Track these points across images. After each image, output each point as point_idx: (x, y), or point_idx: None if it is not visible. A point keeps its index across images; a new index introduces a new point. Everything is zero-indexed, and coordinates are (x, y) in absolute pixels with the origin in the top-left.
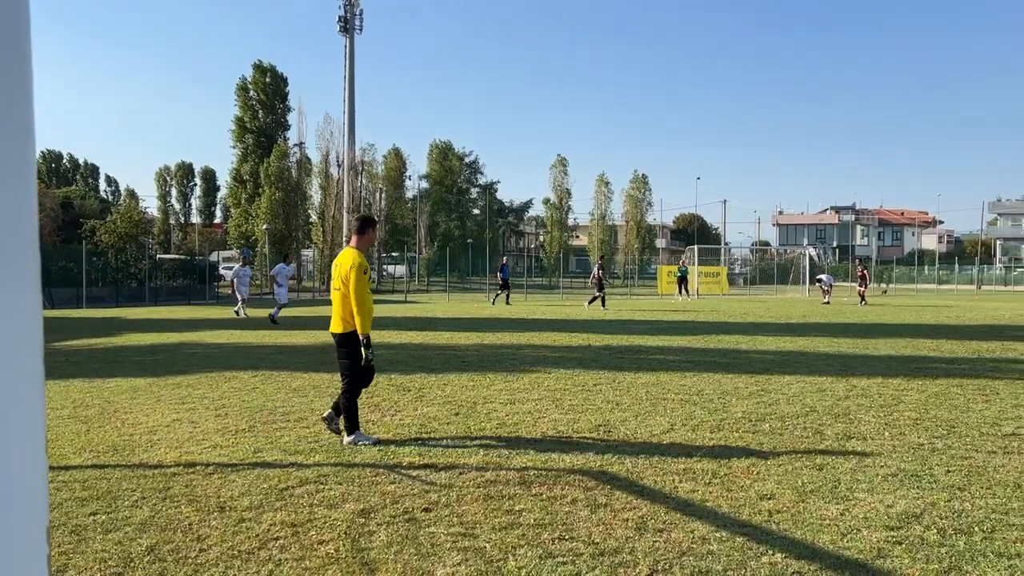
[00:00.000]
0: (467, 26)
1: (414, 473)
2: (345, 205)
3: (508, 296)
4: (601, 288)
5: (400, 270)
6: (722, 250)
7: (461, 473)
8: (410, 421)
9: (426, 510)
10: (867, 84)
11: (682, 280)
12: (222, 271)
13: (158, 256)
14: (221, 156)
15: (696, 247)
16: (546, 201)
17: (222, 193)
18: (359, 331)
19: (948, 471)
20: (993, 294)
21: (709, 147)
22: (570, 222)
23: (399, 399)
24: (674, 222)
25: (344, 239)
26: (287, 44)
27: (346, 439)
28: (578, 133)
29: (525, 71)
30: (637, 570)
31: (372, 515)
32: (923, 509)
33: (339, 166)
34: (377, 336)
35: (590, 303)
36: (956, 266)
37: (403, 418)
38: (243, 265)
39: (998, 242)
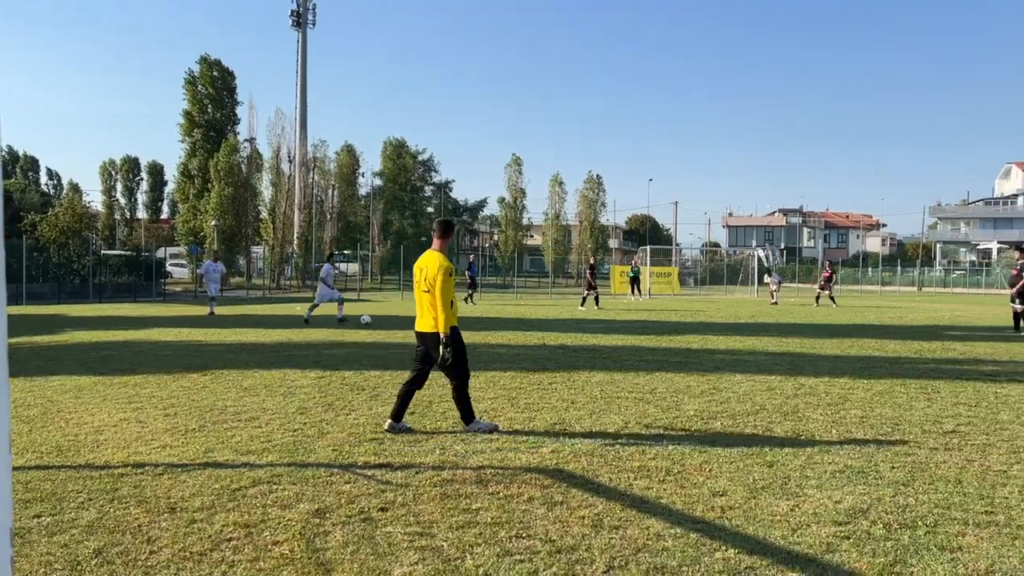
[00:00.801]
0: (422, 24)
1: (369, 472)
2: (296, 202)
3: (470, 296)
4: (592, 287)
5: (353, 268)
6: (673, 251)
7: (417, 472)
8: (365, 420)
9: (382, 509)
10: (815, 88)
11: (634, 280)
12: (169, 267)
13: (102, 252)
14: (169, 150)
15: (648, 247)
16: (501, 200)
17: (170, 188)
18: (441, 331)
19: (893, 467)
20: (933, 295)
21: (661, 149)
22: (525, 222)
23: (353, 398)
24: (627, 223)
25: (296, 235)
26: (237, 37)
27: (466, 427)
28: (533, 133)
29: (481, 70)
30: (594, 567)
31: (327, 515)
32: (870, 504)
33: (291, 162)
34: (332, 335)
35: (583, 303)
36: (898, 268)
37: (357, 417)
38: (214, 260)
39: (938, 245)
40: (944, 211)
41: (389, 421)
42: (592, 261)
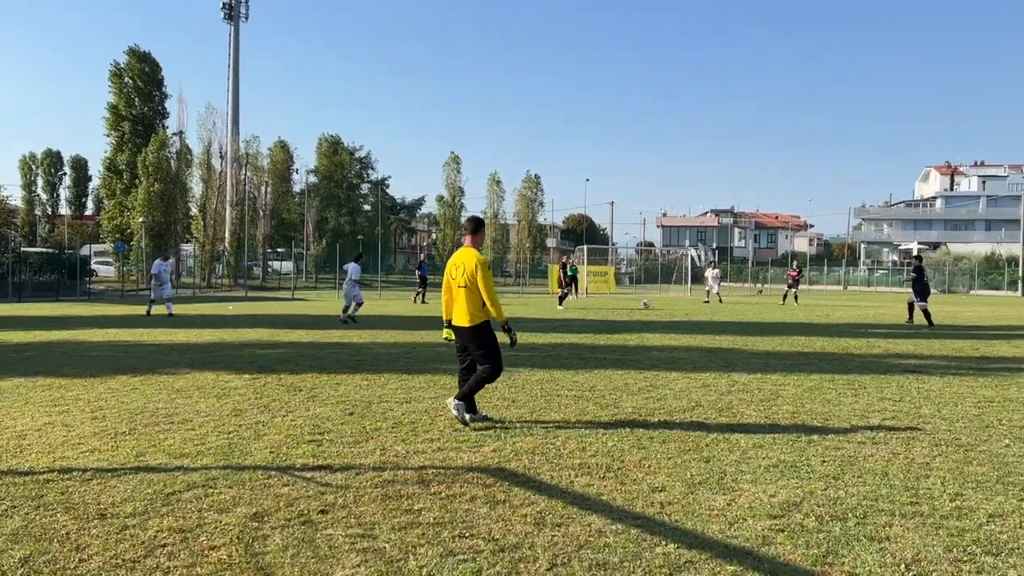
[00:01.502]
0: (358, 20)
1: (308, 475)
2: (228, 198)
3: (423, 295)
4: (566, 286)
5: (287, 266)
6: (610, 250)
7: (358, 474)
8: (302, 422)
9: (322, 512)
10: (746, 91)
11: (573, 279)
12: (94, 265)
13: (22, 249)
14: (94, 145)
15: (585, 247)
16: (439, 199)
17: (95, 184)
18: (499, 318)
19: (823, 461)
20: (858, 294)
21: (598, 150)
22: (463, 220)
23: (290, 399)
24: (564, 222)
25: (228, 232)
26: (166, 28)
27: (453, 402)
28: (472, 132)
29: (418, 68)
30: (537, 564)
31: (266, 519)
32: (802, 498)
33: (222, 158)
34: (267, 335)
35: (561, 302)
36: (825, 267)
37: (295, 419)
38: (164, 259)
39: (862, 245)
40: (868, 212)
41: (454, 400)
42: (565, 260)
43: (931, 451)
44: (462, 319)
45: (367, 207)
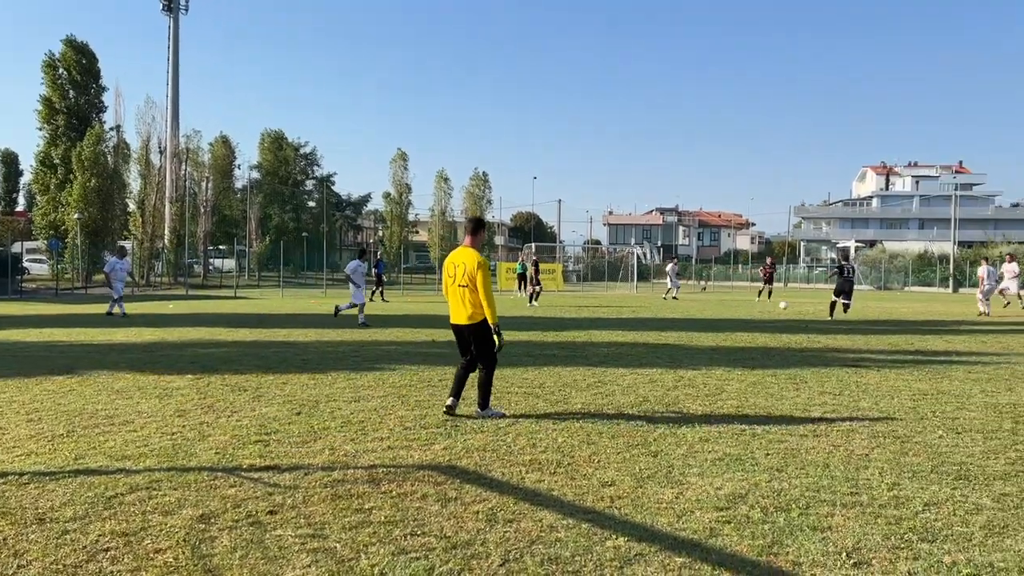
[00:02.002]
0: (302, 14)
1: (256, 475)
2: (167, 194)
3: (378, 293)
4: (536, 284)
5: (229, 264)
6: (557, 248)
7: (306, 473)
8: (248, 422)
9: (271, 512)
10: (690, 90)
11: (522, 277)
12: (26, 263)
13: None
14: (25, 138)
15: (533, 244)
16: (386, 196)
17: (26, 179)
18: (492, 320)
19: (767, 454)
20: (797, 291)
21: (546, 148)
22: (410, 217)
23: (235, 399)
24: (512, 220)
25: (167, 229)
26: (102, 19)
27: (480, 412)
28: (419, 129)
29: (364, 64)
30: (489, 561)
31: (213, 520)
32: (747, 490)
33: (161, 153)
34: (209, 334)
35: (533, 299)
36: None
37: (240, 419)
38: (120, 257)
39: (802, 243)
40: (807, 211)
41: (480, 411)
42: (536, 259)
43: (870, 443)
44: (461, 317)
45: (312, 204)
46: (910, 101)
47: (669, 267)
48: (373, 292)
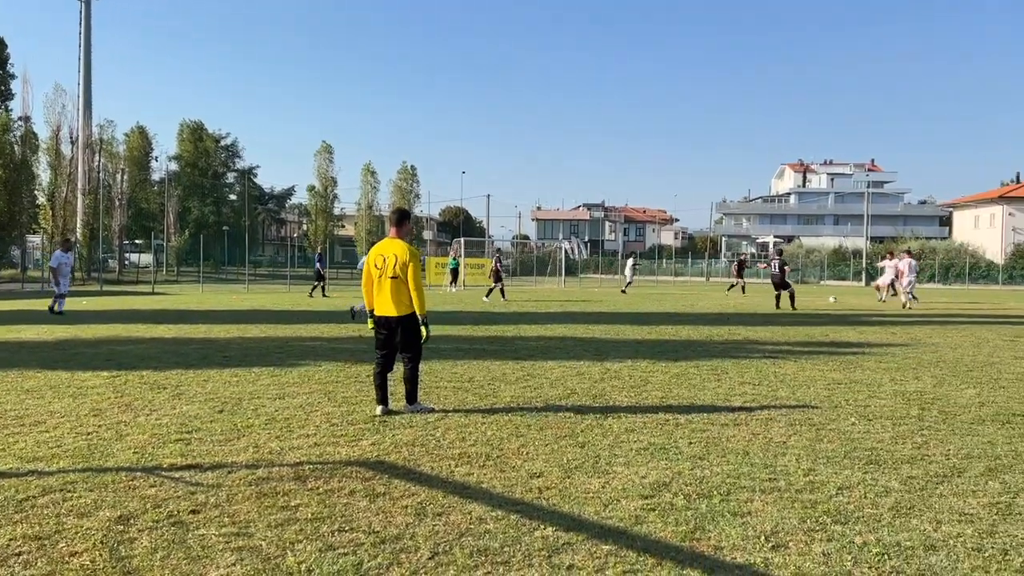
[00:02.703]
0: (224, 2)
1: (177, 475)
2: (80, 186)
3: (316, 289)
4: (499, 279)
5: (146, 259)
6: (486, 243)
7: (230, 472)
8: (168, 421)
9: (193, 512)
10: (614, 87)
11: (454, 272)
12: None
13: None
14: None
15: (463, 239)
16: (310, 189)
17: None
18: (420, 313)
19: (690, 443)
20: (719, 285)
21: (475, 143)
22: (336, 211)
23: (154, 397)
24: (441, 215)
25: (80, 222)
26: (8, 3)
27: (408, 407)
28: (345, 122)
29: (289, 56)
30: (419, 554)
31: (132, 521)
32: (671, 478)
33: (73, 143)
34: (125, 331)
35: (488, 295)
36: (689, 260)
37: (160, 417)
38: (64, 250)
39: (723, 239)
40: (728, 207)
41: (379, 407)
42: (499, 255)
43: (787, 430)
44: (389, 309)
45: (233, 197)
46: (826, 100)
47: (629, 262)
48: (313, 288)
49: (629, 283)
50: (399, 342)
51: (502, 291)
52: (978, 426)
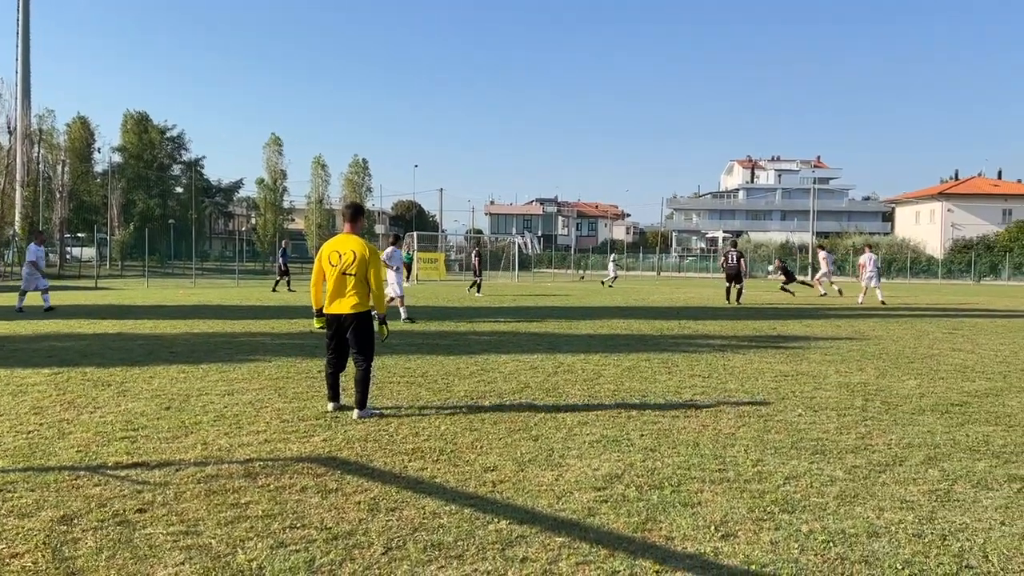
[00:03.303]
0: None
1: (122, 473)
2: (18, 178)
3: (279, 283)
4: (478, 274)
5: (89, 253)
6: (439, 237)
7: (178, 469)
8: (113, 418)
9: (140, 511)
10: (565, 83)
11: (408, 266)
12: None
13: None
14: None
15: (415, 233)
16: (260, 182)
17: None
18: (381, 311)
19: (642, 435)
20: (670, 279)
21: (427, 136)
22: (286, 204)
23: (98, 395)
24: (393, 208)
25: (18, 215)
26: None
27: (359, 413)
28: (295, 114)
29: (237, 46)
30: (372, 550)
31: (75, 521)
32: (623, 470)
33: (10, 133)
34: (67, 327)
35: (470, 288)
36: (641, 254)
37: (104, 415)
38: (40, 243)
39: (674, 234)
40: (679, 203)
41: (331, 404)
42: (479, 249)
43: (736, 422)
44: (343, 307)
45: (180, 190)
46: (774, 98)
47: (611, 258)
48: (276, 283)
49: (614, 278)
50: (352, 341)
51: (479, 286)
52: (919, 416)
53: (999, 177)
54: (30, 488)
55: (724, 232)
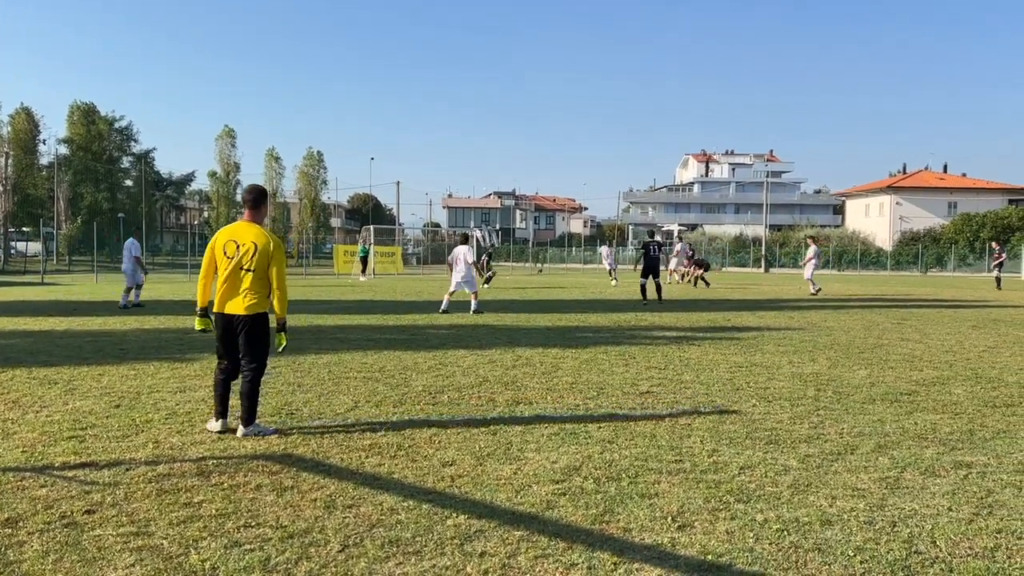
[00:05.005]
0: None
1: (70, 474)
2: None
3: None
4: (486, 269)
5: (34, 248)
6: (397, 230)
7: (128, 469)
8: (60, 417)
9: (88, 512)
10: (525, 76)
11: (363, 259)
12: None
13: None
14: None
15: (372, 227)
16: (212, 174)
17: None
18: (280, 315)
19: (599, 427)
20: (626, 273)
21: (384, 129)
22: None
23: (44, 393)
24: (349, 202)
25: None
26: None
27: (243, 430)
28: (248, 106)
29: (188, 35)
30: (328, 547)
31: (21, 524)
32: (581, 462)
33: None
34: (12, 323)
35: (487, 283)
36: (598, 248)
37: (51, 414)
38: (138, 239)
39: (630, 227)
40: (635, 196)
41: (218, 422)
42: (490, 252)
43: (692, 413)
44: (236, 306)
45: (129, 183)
46: (728, 92)
47: (604, 250)
48: None
49: (612, 271)
50: (243, 347)
51: (488, 279)
52: (869, 405)
53: (944, 171)
54: None
55: (679, 225)
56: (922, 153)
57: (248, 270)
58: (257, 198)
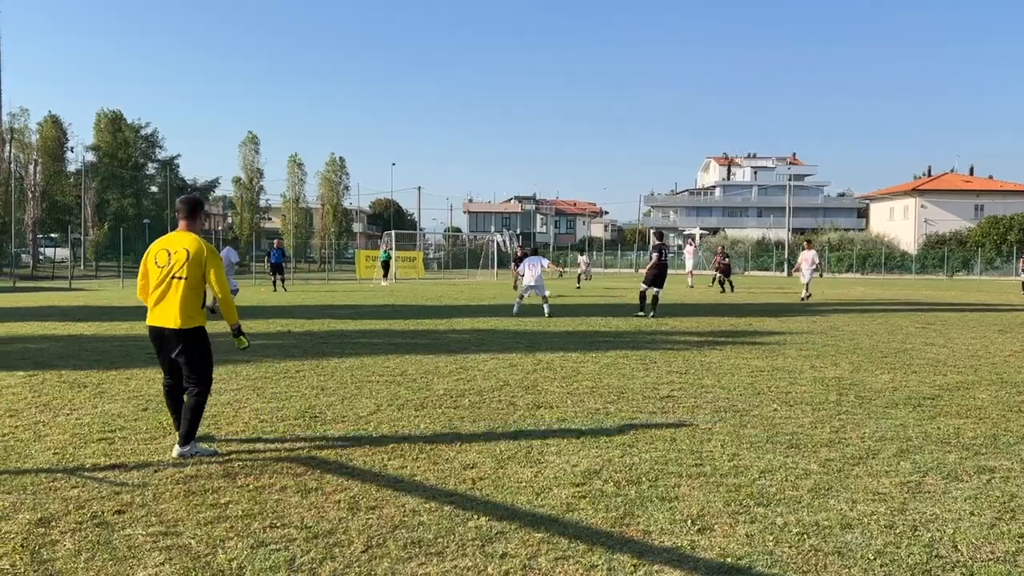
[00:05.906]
0: None
1: (100, 475)
2: None
3: (277, 282)
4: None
5: (62, 253)
6: (418, 235)
7: (156, 470)
8: (90, 420)
9: (119, 512)
10: (547, 81)
11: (385, 264)
12: None
13: None
14: None
15: (393, 232)
16: (236, 180)
17: None
18: (231, 322)
19: (620, 431)
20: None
21: (405, 134)
22: (263, 203)
23: (74, 396)
24: (371, 207)
25: None
26: None
27: (180, 449)
28: (272, 112)
29: (212, 42)
30: (352, 548)
31: (53, 524)
32: (601, 465)
33: None
34: (42, 328)
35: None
36: (619, 251)
37: (80, 417)
38: (235, 247)
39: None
40: (656, 200)
41: (180, 448)
42: (526, 249)
43: (712, 417)
44: (170, 319)
45: (154, 189)
46: (751, 95)
47: (583, 259)
48: (274, 283)
49: (587, 276)
50: (183, 363)
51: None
52: (891, 410)
53: (971, 173)
54: (6, 491)
55: (701, 229)
56: (948, 156)
57: (180, 278)
58: (192, 207)
